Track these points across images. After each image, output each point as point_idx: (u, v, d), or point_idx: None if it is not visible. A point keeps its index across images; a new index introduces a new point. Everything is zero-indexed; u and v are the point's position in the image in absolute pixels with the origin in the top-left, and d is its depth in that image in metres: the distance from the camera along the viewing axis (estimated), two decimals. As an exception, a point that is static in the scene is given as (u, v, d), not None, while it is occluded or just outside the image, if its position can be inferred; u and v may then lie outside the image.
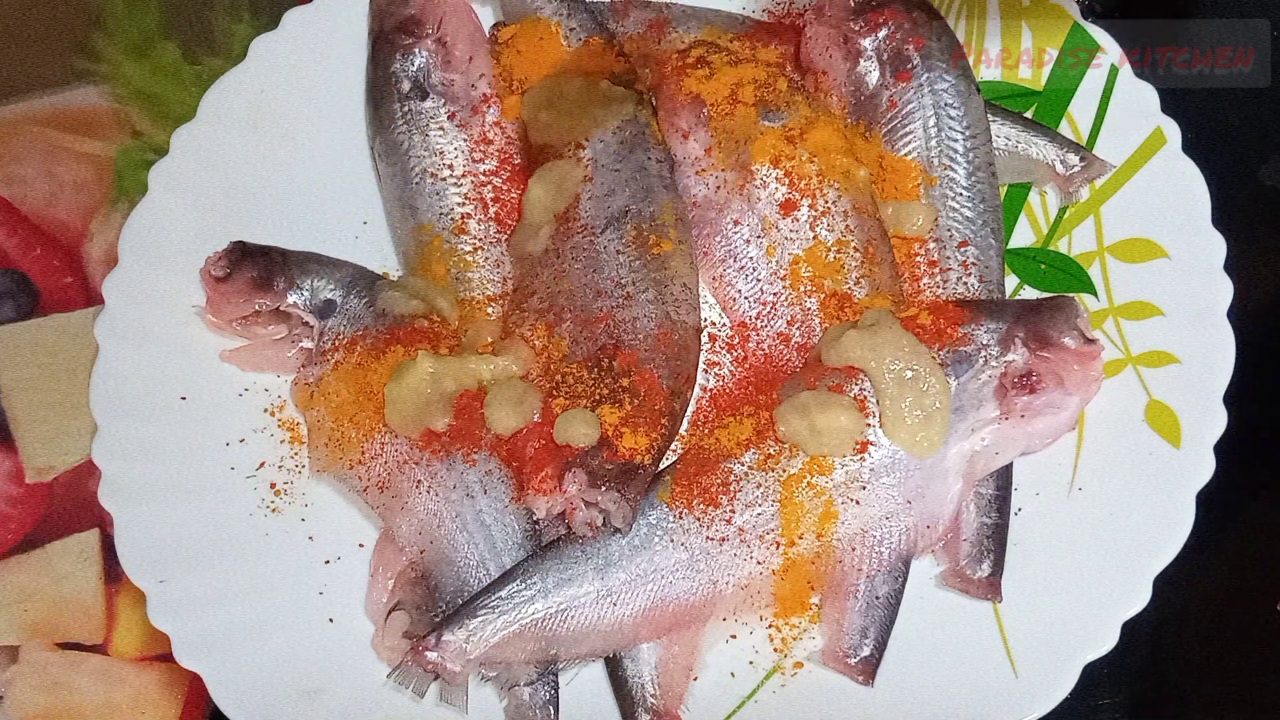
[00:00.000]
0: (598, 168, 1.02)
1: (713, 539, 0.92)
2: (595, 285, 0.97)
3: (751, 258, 1.01)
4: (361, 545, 0.97)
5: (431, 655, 0.89)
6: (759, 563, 0.92)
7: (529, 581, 0.91)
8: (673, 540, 0.92)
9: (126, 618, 1.05)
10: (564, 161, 1.03)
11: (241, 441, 1.00)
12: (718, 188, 1.02)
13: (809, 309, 0.99)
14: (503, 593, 0.91)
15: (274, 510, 0.98)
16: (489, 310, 1.02)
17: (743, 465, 0.93)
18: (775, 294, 1.00)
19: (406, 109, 1.06)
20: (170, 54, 1.23)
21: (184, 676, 1.02)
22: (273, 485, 0.99)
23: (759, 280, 1.00)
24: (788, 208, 1.00)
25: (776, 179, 1.00)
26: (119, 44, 1.24)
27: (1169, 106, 1.06)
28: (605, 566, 0.91)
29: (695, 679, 0.92)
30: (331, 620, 0.95)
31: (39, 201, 1.18)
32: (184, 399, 1.01)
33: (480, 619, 0.90)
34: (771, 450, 0.93)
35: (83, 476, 1.08)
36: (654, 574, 0.92)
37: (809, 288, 0.99)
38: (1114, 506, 0.94)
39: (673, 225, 1.00)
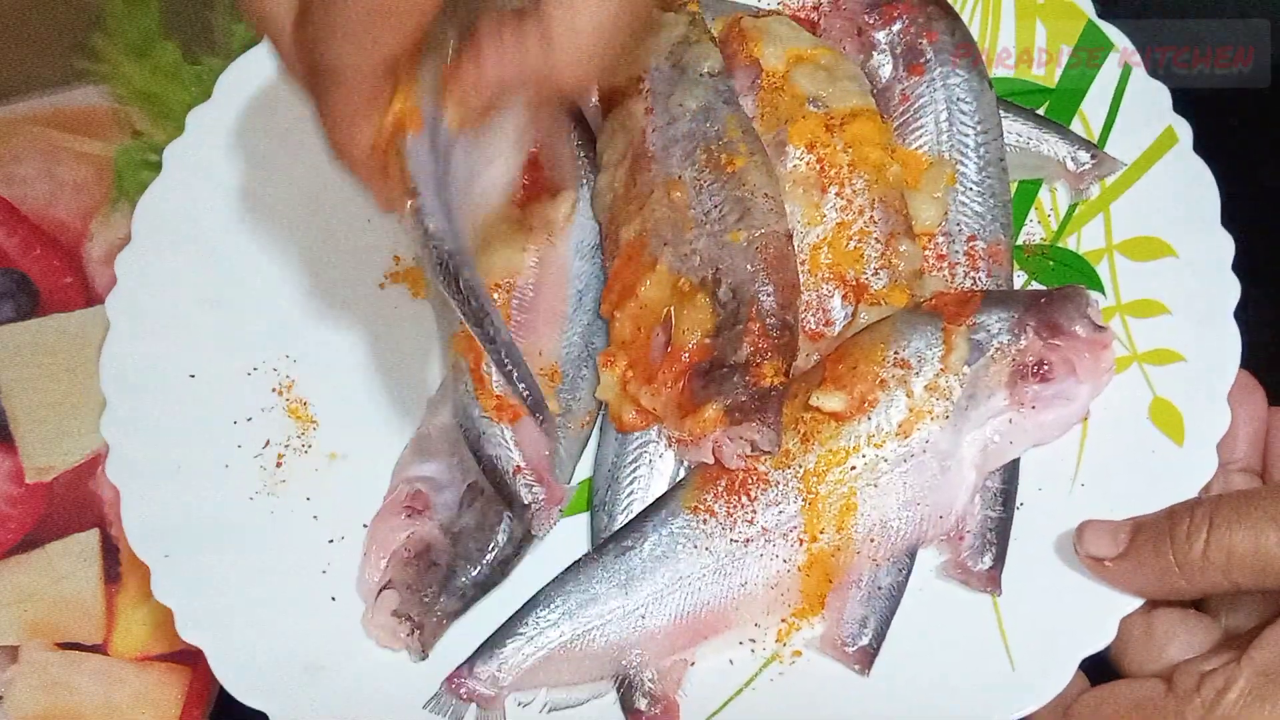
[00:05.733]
0: (656, 98, 1.07)
1: (737, 541, 0.96)
2: (680, 220, 1.02)
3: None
4: (365, 526, 1.01)
5: (466, 686, 0.95)
6: (785, 561, 0.96)
7: (552, 606, 0.96)
8: (696, 546, 0.97)
9: (126, 618, 1.09)
10: (630, 100, 1.08)
11: (249, 420, 1.05)
12: (749, 159, 1.06)
13: (825, 295, 1.04)
14: (529, 619, 0.96)
15: (279, 488, 1.03)
16: None
17: (762, 464, 0.97)
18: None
19: None
20: (170, 54, 1.29)
21: (184, 676, 1.07)
22: (278, 464, 1.04)
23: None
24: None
25: (808, 164, 1.05)
26: (119, 44, 1.29)
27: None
28: (628, 581, 0.96)
29: (692, 664, 0.96)
30: (334, 599, 0.99)
31: (39, 201, 1.24)
32: (192, 377, 1.06)
33: (510, 647, 0.95)
34: (789, 445, 0.98)
35: (83, 476, 1.13)
36: (679, 583, 0.96)
37: (826, 274, 1.04)
38: (1116, 503, 0.97)
39: (741, 140, 1.03)
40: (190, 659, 1.08)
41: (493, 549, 0.99)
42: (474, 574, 0.99)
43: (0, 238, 1.23)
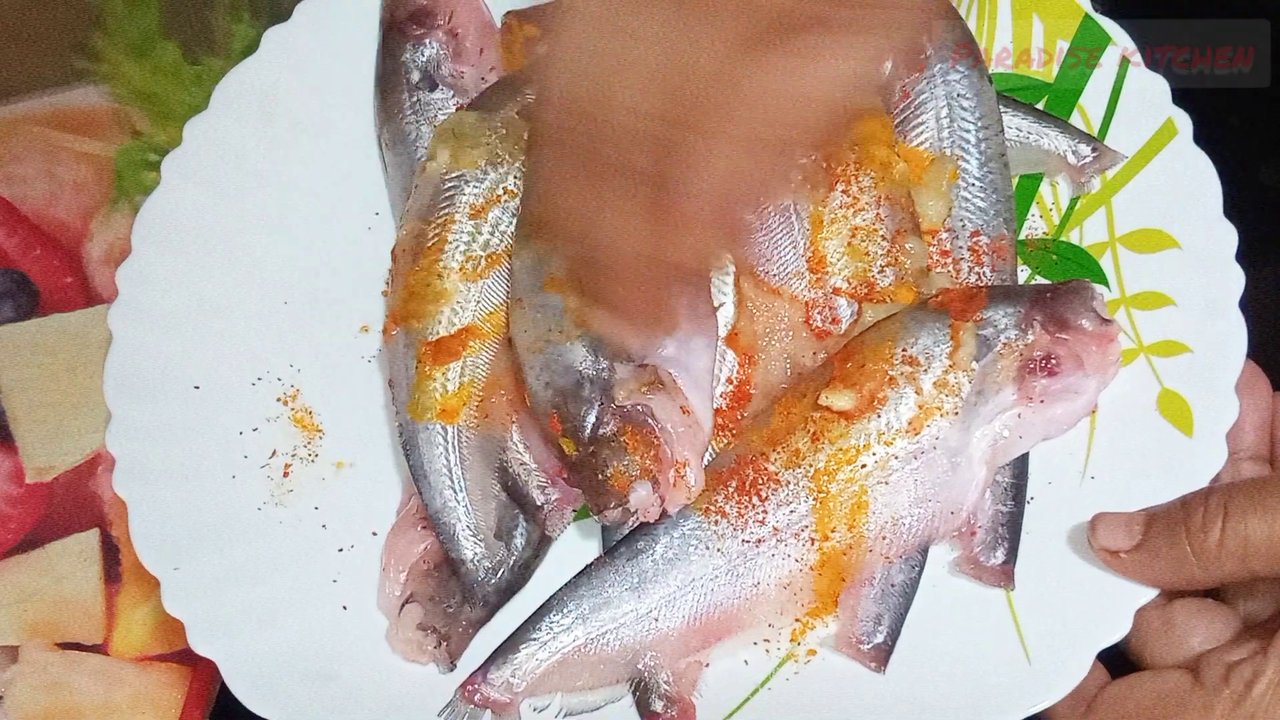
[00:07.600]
0: None
1: (748, 541, 0.95)
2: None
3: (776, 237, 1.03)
4: (375, 534, 1.00)
5: (480, 693, 0.93)
6: (797, 560, 0.95)
7: (565, 610, 0.94)
8: (708, 548, 0.95)
9: (126, 618, 1.08)
10: None
11: (255, 430, 1.03)
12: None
13: (829, 294, 1.02)
14: (542, 624, 0.94)
15: (287, 498, 1.01)
16: None
17: (772, 464, 0.96)
18: (798, 273, 1.02)
19: (415, 99, 1.10)
20: (170, 54, 1.27)
21: (184, 676, 1.05)
22: (285, 474, 1.02)
23: (784, 261, 1.03)
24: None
25: (814, 160, 1.03)
26: (119, 44, 1.27)
27: (1170, 106, 1.09)
28: (641, 584, 0.95)
29: (707, 665, 0.95)
30: (345, 608, 0.98)
31: (39, 201, 1.22)
32: (197, 388, 1.04)
33: (524, 653, 0.94)
34: (799, 445, 0.96)
35: (83, 476, 1.12)
36: (692, 584, 0.95)
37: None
38: (1126, 495, 0.96)
39: None
40: (190, 659, 1.06)
41: (512, 554, 0.97)
42: (495, 580, 0.97)
43: (0, 238, 1.21)
